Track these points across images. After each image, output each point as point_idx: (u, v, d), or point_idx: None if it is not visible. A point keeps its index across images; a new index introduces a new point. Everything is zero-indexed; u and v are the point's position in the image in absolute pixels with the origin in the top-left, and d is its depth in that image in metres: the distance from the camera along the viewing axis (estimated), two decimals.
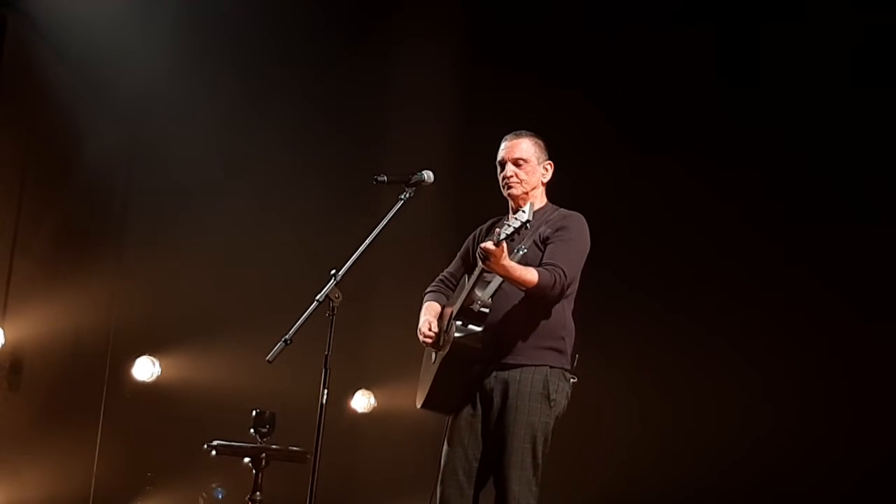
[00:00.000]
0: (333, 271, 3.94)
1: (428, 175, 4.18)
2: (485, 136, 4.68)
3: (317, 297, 3.91)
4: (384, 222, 4.08)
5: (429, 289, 4.48)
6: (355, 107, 8.13)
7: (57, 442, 7.10)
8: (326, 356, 3.95)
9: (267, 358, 3.86)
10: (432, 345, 4.22)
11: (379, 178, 4.17)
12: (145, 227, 7.72)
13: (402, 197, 4.14)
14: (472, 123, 7.63)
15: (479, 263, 3.89)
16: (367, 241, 4.04)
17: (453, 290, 4.40)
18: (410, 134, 7.80)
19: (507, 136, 4.29)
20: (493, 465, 4.04)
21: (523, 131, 4.29)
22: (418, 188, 4.17)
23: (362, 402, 8.27)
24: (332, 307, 3.92)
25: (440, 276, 4.52)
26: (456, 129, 7.86)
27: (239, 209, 7.75)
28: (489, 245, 3.74)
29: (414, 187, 4.16)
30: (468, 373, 4.06)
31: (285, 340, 3.85)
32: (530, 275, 3.91)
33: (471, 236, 4.47)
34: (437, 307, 4.35)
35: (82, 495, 7.29)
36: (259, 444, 6.53)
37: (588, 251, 4.14)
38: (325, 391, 3.93)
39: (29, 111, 7.32)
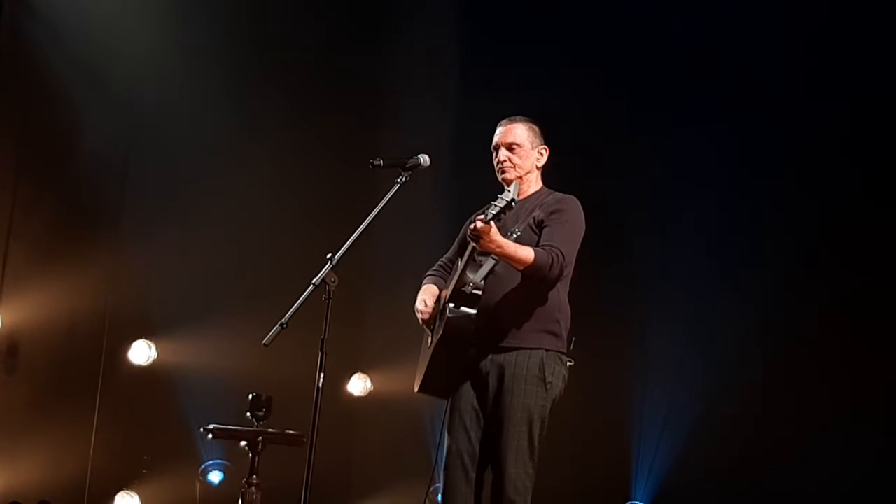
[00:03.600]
0: (330, 255, 3.95)
1: (424, 159, 4.17)
2: (482, 121, 4.68)
3: (313, 281, 3.91)
4: (380, 206, 4.08)
5: (428, 273, 4.49)
6: (352, 92, 8.12)
7: (53, 426, 7.11)
8: (323, 340, 3.95)
9: (263, 342, 3.88)
10: (429, 321, 4.23)
11: (375, 162, 4.16)
12: (141, 211, 7.70)
13: (399, 181, 4.14)
14: (470, 107, 7.62)
15: (471, 245, 3.90)
16: (364, 225, 4.03)
17: None
18: (408, 118, 7.79)
19: (501, 122, 4.31)
20: (490, 448, 4.04)
21: (518, 116, 4.30)
22: (414, 172, 4.17)
23: (359, 385, 8.27)
24: (329, 291, 3.92)
25: (439, 262, 4.53)
26: (453, 113, 7.85)
27: (235, 193, 7.74)
28: (478, 223, 3.75)
29: (410, 171, 4.16)
30: (463, 356, 4.05)
31: (282, 324, 3.85)
32: (524, 252, 3.90)
33: (467, 222, 4.47)
34: (434, 289, 4.36)
35: (79, 479, 7.29)
36: (255, 428, 6.56)
37: (583, 234, 4.14)
38: (322, 375, 3.93)
39: (25, 97, 7.31)
